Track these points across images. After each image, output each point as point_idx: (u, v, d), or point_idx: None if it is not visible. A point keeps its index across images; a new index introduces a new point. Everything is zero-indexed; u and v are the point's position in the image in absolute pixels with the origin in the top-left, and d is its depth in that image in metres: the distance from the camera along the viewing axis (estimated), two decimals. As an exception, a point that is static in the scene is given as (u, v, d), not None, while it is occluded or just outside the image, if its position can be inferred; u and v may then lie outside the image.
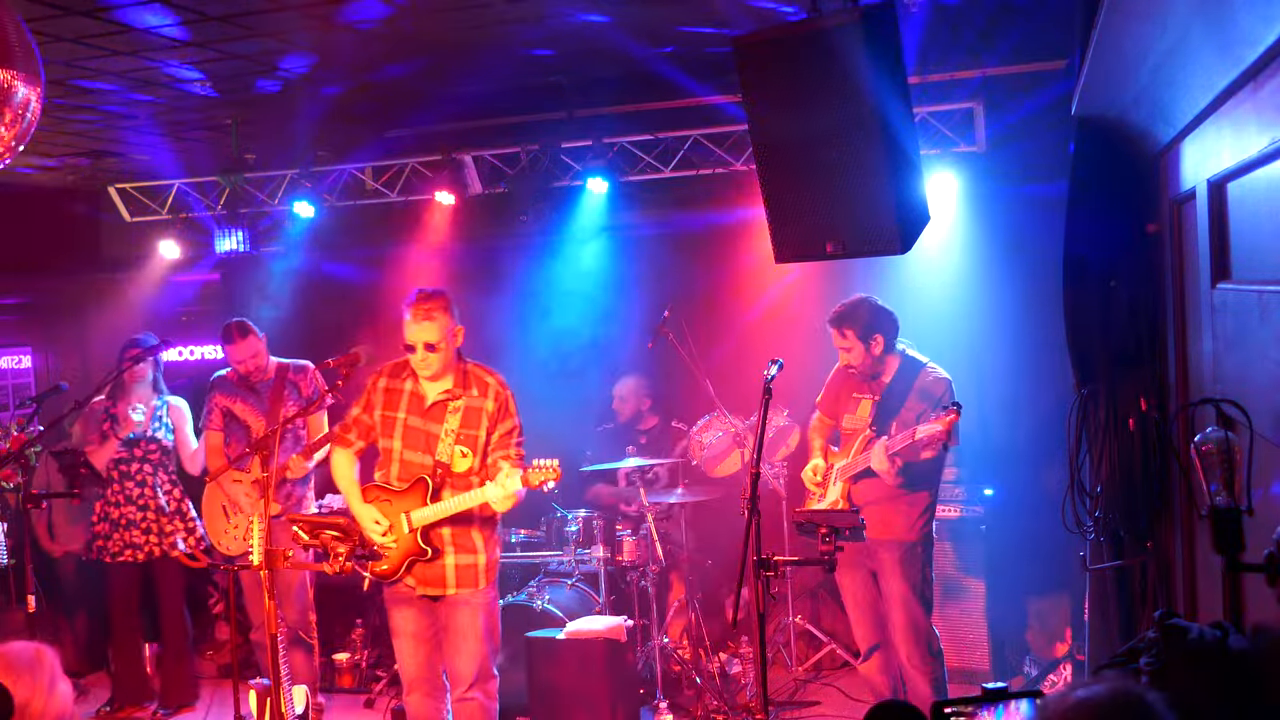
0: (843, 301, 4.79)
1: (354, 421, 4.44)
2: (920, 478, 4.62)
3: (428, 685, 4.41)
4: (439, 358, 4.22)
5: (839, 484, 4.75)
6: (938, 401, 4.61)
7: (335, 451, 4.48)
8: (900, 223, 3.52)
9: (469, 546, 4.29)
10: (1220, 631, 2.58)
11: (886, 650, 4.80)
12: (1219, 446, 2.37)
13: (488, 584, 4.35)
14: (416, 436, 4.31)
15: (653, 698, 5.53)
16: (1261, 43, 2.30)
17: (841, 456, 4.79)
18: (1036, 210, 5.83)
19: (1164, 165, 3.96)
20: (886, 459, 4.49)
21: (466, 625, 4.29)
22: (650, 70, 5.75)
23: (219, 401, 5.66)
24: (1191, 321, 3.58)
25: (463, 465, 4.27)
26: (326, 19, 4.64)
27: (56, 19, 4.43)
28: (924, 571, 4.69)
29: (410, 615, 4.36)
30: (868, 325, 4.69)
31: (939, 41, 5.24)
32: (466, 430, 4.28)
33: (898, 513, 4.66)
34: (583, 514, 5.99)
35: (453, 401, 4.29)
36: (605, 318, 7.03)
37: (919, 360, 4.79)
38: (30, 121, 3.22)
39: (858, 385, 4.85)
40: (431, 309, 4.20)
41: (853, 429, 4.81)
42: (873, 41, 3.34)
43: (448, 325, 4.23)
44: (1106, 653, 4.21)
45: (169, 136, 6.75)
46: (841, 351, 4.78)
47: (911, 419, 4.60)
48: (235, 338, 5.54)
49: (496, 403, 4.31)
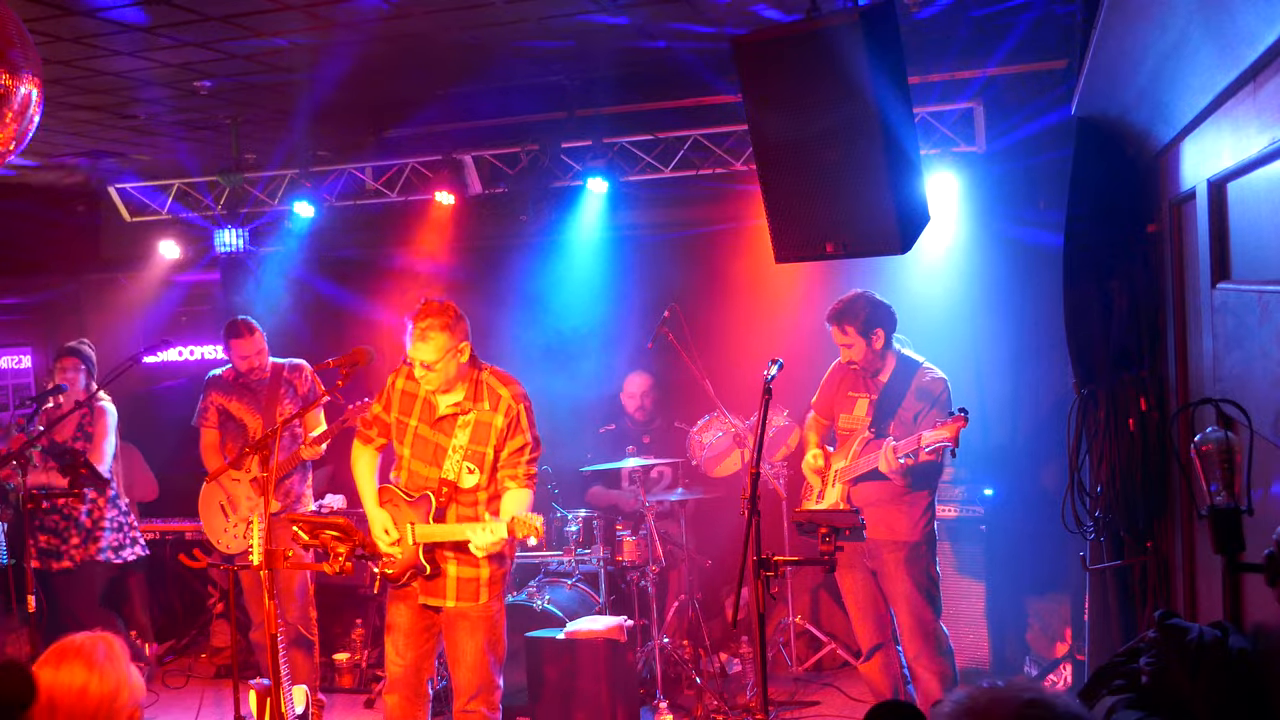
0: (840, 298, 4.78)
1: (375, 419, 4.41)
2: (920, 477, 4.63)
3: (409, 689, 4.36)
4: (438, 376, 4.13)
5: (838, 486, 4.74)
6: (935, 401, 4.61)
7: (356, 447, 4.45)
8: (900, 223, 3.52)
9: (471, 560, 4.22)
10: (1220, 631, 2.58)
11: (887, 650, 4.79)
12: (1219, 446, 2.37)
13: (490, 598, 4.26)
14: (425, 447, 4.26)
15: (653, 698, 5.53)
16: (1261, 43, 2.30)
17: (840, 458, 4.78)
18: (1036, 210, 5.83)
19: (1164, 165, 3.96)
20: (896, 460, 4.46)
21: (466, 638, 4.25)
22: (650, 70, 5.75)
23: (215, 399, 5.66)
24: (1191, 321, 3.58)
25: (469, 482, 4.22)
26: (327, 19, 4.64)
27: (56, 19, 4.44)
28: (928, 570, 4.68)
29: (407, 614, 4.33)
30: (868, 320, 4.68)
31: (939, 41, 5.24)
32: (475, 447, 4.19)
33: (899, 513, 4.66)
34: (583, 514, 5.99)
35: (462, 415, 4.20)
36: (605, 318, 7.03)
37: (915, 360, 4.79)
38: (30, 122, 3.22)
39: (855, 384, 4.85)
40: (428, 329, 4.06)
41: (850, 428, 4.80)
42: (873, 41, 3.34)
43: (446, 344, 4.08)
44: (1106, 653, 4.21)
45: (168, 136, 6.75)
46: (843, 348, 4.77)
47: (909, 419, 4.60)
48: (242, 333, 5.55)
49: (507, 418, 4.18)
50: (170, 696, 6.40)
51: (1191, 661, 2.52)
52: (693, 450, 6.19)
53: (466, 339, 4.16)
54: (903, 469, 4.48)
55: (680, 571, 6.15)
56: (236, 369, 5.63)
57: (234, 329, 5.58)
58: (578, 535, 5.89)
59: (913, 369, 4.75)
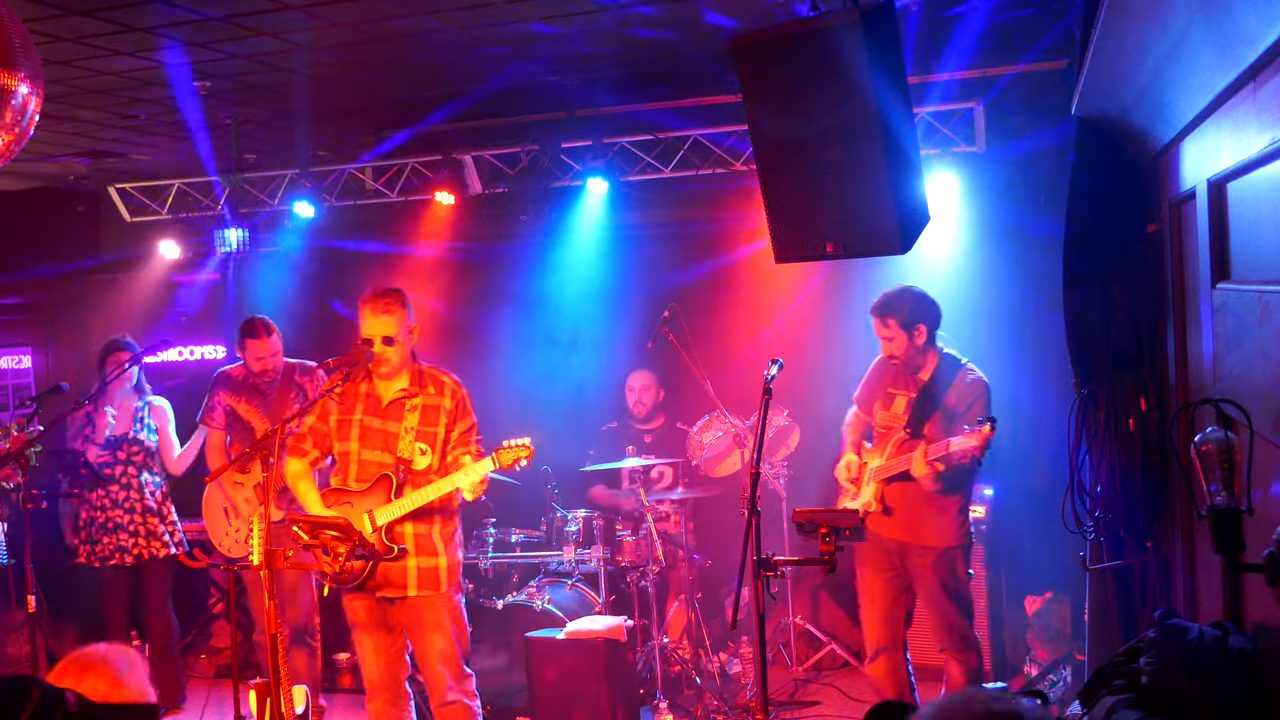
0: (886, 291, 4.66)
1: (309, 430, 4.38)
2: (951, 482, 4.52)
3: (389, 693, 4.37)
4: (396, 351, 4.20)
5: (872, 485, 4.68)
6: (974, 403, 4.50)
7: (289, 460, 4.41)
8: (900, 223, 3.52)
9: (430, 549, 4.26)
10: (1220, 631, 2.58)
11: (895, 655, 4.71)
12: (1219, 446, 2.37)
13: (449, 586, 4.30)
14: (374, 436, 4.28)
15: (653, 698, 5.53)
16: (1261, 43, 2.31)
17: (875, 456, 4.72)
18: (1036, 210, 5.84)
19: (1164, 165, 3.96)
20: (926, 465, 4.40)
21: (433, 630, 4.26)
22: (650, 70, 5.76)
23: (223, 399, 5.52)
24: (1191, 321, 3.58)
25: (422, 463, 4.25)
26: (327, 19, 4.64)
27: (56, 19, 4.44)
28: (956, 573, 4.59)
29: (364, 608, 4.32)
30: (911, 314, 4.57)
31: (939, 41, 5.24)
32: (425, 428, 4.25)
33: (929, 517, 4.57)
34: (583, 514, 5.99)
35: (410, 400, 4.27)
36: (605, 318, 7.03)
37: (958, 359, 4.69)
38: (30, 122, 3.22)
39: (895, 381, 4.75)
40: (390, 303, 4.20)
41: (887, 425, 4.72)
42: (873, 41, 3.34)
43: (405, 320, 4.23)
44: (1106, 653, 4.21)
45: (169, 136, 6.76)
46: (884, 342, 4.65)
47: (946, 419, 4.50)
48: (260, 333, 5.37)
49: (454, 400, 4.28)
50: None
51: (1191, 661, 2.52)
52: (693, 450, 6.18)
53: (415, 322, 4.33)
54: (933, 474, 4.41)
55: (680, 571, 6.15)
56: (249, 369, 5.46)
57: (251, 328, 5.40)
58: (578, 535, 5.88)
59: (954, 369, 4.64)
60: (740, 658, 6.12)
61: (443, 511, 4.30)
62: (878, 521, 4.65)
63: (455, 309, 7.46)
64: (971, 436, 4.25)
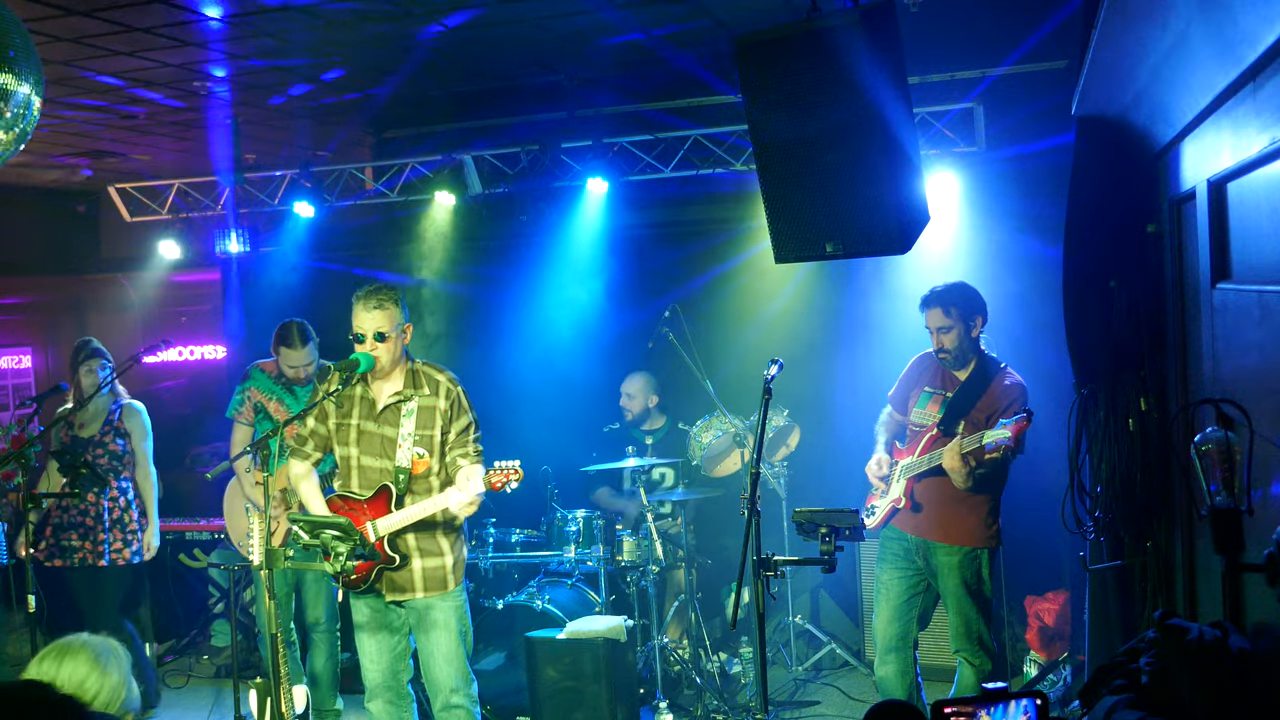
0: (940, 284, 4.63)
1: (311, 433, 4.36)
2: (982, 480, 4.48)
3: (390, 693, 4.37)
4: (388, 348, 4.17)
5: (901, 482, 4.65)
6: (1009, 404, 4.46)
7: (293, 463, 4.41)
8: (900, 223, 3.52)
9: (434, 550, 4.25)
10: (1220, 631, 2.58)
11: (904, 656, 4.69)
12: (1219, 446, 2.37)
13: (456, 584, 4.30)
14: (372, 442, 4.26)
15: (653, 698, 5.53)
16: (1261, 43, 2.30)
17: (907, 454, 4.69)
18: (1036, 210, 5.83)
19: (1164, 165, 3.96)
20: (959, 459, 4.36)
21: (439, 631, 4.25)
22: (650, 70, 5.76)
23: (254, 395, 5.41)
24: (1191, 321, 3.58)
25: (421, 469, 4.23)
26: (327, 19, 4.64)
27: (56, 19, 4.44)
28: (979, 575, 4.57)
29: (368, 609, 4.33)
30: (973, 306, 4.56)
31: (939, 41, 5.24)
32: (422, 431, 4.22)
33: (957, 516, 4.55)
34: (583, 514, 5.98)
35: (405, 404, 4.23)
36: (606, 318, 7.03)
37: (996, 361, 4.66)
38: (30, 122, 3.22)
39: (932, 379, 4.73)
40: (383, 299, 4.17)
41: (921, 424, 4.69)
42: (873, 41, 3.34)
43: (398, 317, 4.20)
44: (1106, 653, 4.22)
45: (169, 136, 6.76)
46: (938, 334, 4.59)
47: (981, 420, 4.47)
48: (295, 342, 5.21)
49: (449, 400, 4.24)
50: (170, 696, 6.39)
51: (1191, 661, 2.51)
52: (693, 450, 6.19)
53: (408, 321, 4.29)
54: (966, 469, 4.37)
55: (680, 571, 6.15)
56: (283, 372, 5.36)
57: (286, 336, 5.23)
58: (578, 535, 5.88)
59: (993, 370, 4.61)
60: (740, 658, 6.11)
61: (444, 513, 4.30)
62: (904, 520, 4.65)
63: (456, 308, 7.46)
64: (1006, 428, 4.22)
